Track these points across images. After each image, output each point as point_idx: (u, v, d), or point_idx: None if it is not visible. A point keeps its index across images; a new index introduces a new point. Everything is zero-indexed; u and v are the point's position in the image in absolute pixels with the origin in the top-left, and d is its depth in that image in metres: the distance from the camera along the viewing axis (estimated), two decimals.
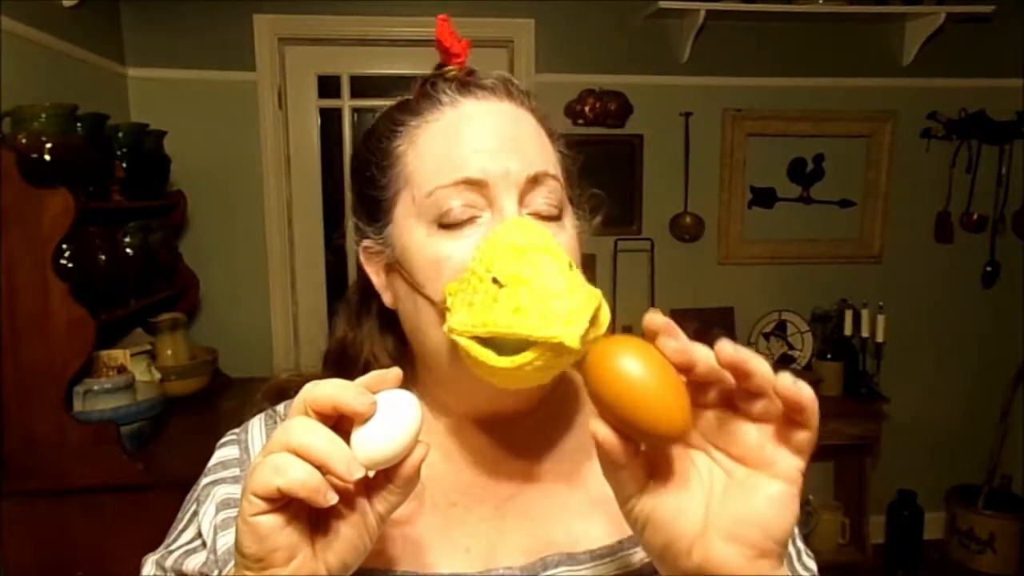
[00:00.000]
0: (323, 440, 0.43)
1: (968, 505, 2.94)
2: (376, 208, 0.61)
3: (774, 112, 2.91)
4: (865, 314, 2.83)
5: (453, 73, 0.61)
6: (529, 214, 0.56)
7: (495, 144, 0.56)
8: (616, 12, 2.77)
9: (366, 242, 0.62)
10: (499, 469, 0.63)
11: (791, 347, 3.00)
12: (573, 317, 0.47)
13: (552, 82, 2.79)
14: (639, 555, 0.58)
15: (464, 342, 0.51)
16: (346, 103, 2.83)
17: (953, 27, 2.82)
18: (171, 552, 0.61)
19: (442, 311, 0.55)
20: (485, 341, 0.51)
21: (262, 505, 0.43)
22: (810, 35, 2.87)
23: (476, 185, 0.55)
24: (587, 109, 2.80)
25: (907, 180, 2.99)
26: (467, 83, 0.60)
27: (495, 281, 0.50)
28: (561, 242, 0.55)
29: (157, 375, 2.07)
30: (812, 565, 0.62)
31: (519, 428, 0.64)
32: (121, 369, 1.85)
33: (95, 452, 1.68)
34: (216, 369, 2.45)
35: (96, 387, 1.75)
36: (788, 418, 0.42)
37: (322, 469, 0.43)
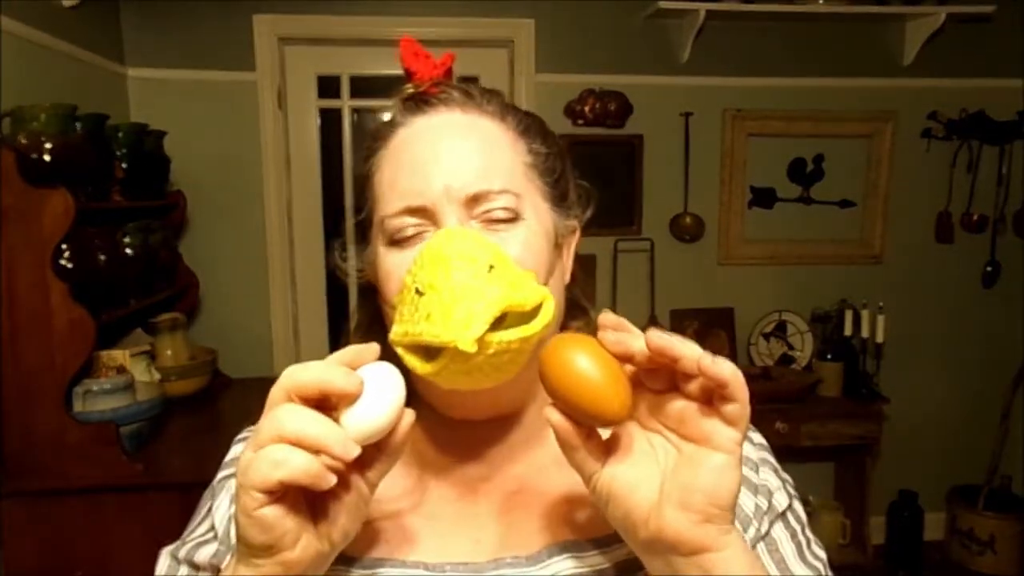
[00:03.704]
0: (316, 425, 0.44)
1: (968, 505, 2.94)
2: (361, 228, 0.65)
3: (774, 112, 2.91)
4: (865, 314, 2.83)
5: (407, 92, 0.63)
6: (480, 222, 0.58)
7: (437, 162, 0.58)
8: (616, 12, 2.77)
9: (363, 260, 0.65)
10: (503, 464, 0.64)
11: (791, 347, 3.00)
12: (470, 320, 0.49)
13: (552, 82, 2.79)
14: None
15: (400, 351, 0.54)
16: (346, 103, 2.83)
17: (953, 27, 2.82)
18: (184, 544, 0.62)
19: (392, 321, 0.57)
20: (416, 348, 0.53)
21: (264, 498, 0.44)
22: (810, 35, 2.87)
23: (418, 211, 0.58)
24: (587, 109, 2.80)
25: (907, 180, 2.99)
26: (418, 100, 0.62)
27: (417, 291, 0.53)
28: (512, 244, 0.57)
29: (157, 375, 2.07)
30: (822, 554, 0.64)
31: (522, 424, 0.65)
32: (121, 369, 1.84)
33: (95, 452, 1.68)
34: (216, 369, 2.45)
35: (96, 387, 1.75)
36: (719, 393, 0.45)
37: (319, 453, 0.44)
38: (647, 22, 2.78)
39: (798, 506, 0.64)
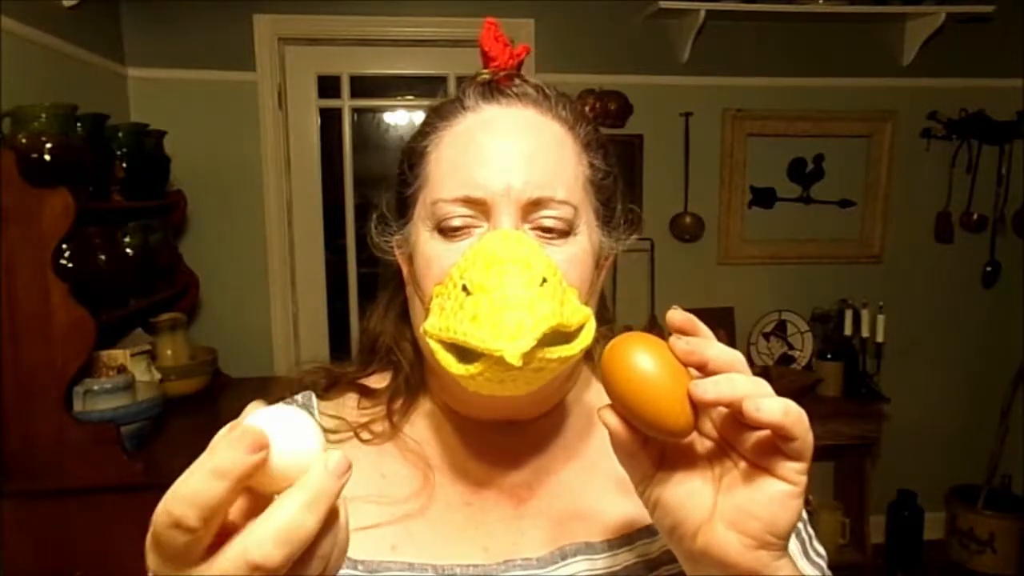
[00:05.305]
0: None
1: (968, 505, 2.94)
2: (403, 204, 0.62)
3: (774, 112, 2.91)
4: (865, 314, 2.83)
5: (483, 77, 0.61)
6: (532, 228, 0.56)
7: (504, 159, 0.56)
8: (616, 12, 2.77)
9: (396, 237, 0.63)
10: (513, 469, 0.63)
11: (791, 347, 3.00)
12: (520, 332, 0.47)
13: (552, 82, 2.72)
14: (657, 544, 0.59)
15: (432, 344, 0.52)
16: (346, 103, 2.83)
17: (953, 27, 2.82)
18: None
19: (427, 310, 0.55)
20: (451, 346, 0.51)
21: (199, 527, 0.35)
22: (810, 35, 2.87)
23: (475, 202, 0.56)
24: (587, 109, 2.80)
25: (907, 180, 2.99)
26: (494, 88, 0.60)
27: (464, 288, 0.51)
28: (561, 258, 0.55)
29: (157, 375, 2.07)
30: (822, 551, 0.64)
31: (533, 427, 0.64)
32: (121, 369, 1.84)
33: (95, 452, 1.68)
34: (216, 369, 2.45)
35: (96, 387, 1.75)
36: (776, 434, 0.43)
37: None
38: (647, 22, 2.78)
39: None
